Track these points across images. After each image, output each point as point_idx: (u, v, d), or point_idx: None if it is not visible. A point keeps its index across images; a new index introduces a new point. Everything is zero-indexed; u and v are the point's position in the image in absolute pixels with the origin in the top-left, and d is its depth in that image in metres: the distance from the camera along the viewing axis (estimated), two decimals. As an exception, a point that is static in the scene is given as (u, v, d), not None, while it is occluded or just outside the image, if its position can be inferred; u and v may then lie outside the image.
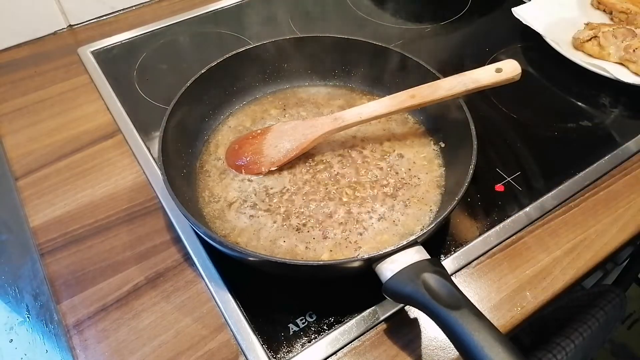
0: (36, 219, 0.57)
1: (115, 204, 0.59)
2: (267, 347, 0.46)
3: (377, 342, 0.47)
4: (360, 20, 0.87)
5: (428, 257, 0.43)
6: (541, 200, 0.58)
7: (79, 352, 0.47)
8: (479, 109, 0.69)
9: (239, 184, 0.56)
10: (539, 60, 0.78)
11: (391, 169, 0.57)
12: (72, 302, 0.50)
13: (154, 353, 0.46)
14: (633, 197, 0.58)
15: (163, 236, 0.55)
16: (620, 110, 0.70)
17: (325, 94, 0.67)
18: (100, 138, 0.67)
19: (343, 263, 0.44)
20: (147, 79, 0.75)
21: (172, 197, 0.46)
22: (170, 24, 0.86)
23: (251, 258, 0.45)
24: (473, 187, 0.58)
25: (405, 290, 0.41)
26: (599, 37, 0.74)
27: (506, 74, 0.53)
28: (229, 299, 0.49)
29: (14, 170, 0.63)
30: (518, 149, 0.64)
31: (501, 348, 0.35)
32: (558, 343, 0.66)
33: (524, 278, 0.51)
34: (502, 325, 0.48)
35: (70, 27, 0.86)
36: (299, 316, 0.48)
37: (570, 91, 0.73)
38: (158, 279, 0.52)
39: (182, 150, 0.57)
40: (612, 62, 0.73)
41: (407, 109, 0.56)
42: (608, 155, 0.63)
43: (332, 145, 0.60)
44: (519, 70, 0.53)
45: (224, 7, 0.90)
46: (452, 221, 0.56)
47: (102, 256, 0.54)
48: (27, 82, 0.75)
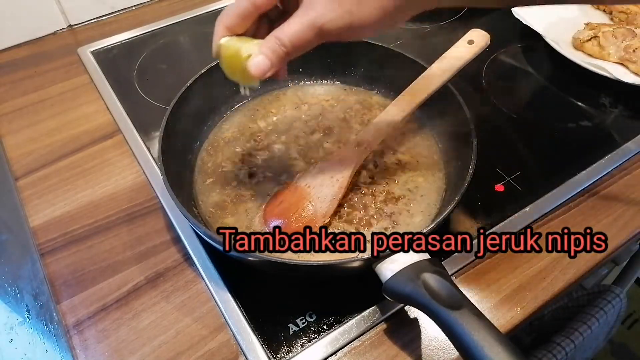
0: (36, 219, 0.57)
1: (115, 204, 0.59)
2: (267, 347, 0.46)
3: (377, 342, 0.47)
4: (360, 20, 0.87)
5: (428, 257, 0.43)
6: (541, 200, 0.58)
7: (79, 352, 0.47)
8: (479, 109, 0.69)
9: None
10: (539, 60, 0.78)
11: (391, 169, 0.57)
12: (72, 302, 0.50)
13: (154, 353, 0.46)
14: (633, 197, 0.58)
15: (163, 236, 0.55)
16: (620, 110, 0.70)
17: (325, 93, 0.67)
18: (100, 138, 0.67)
19: (343, 263, 0.44)
20: (147, 79, 0.75)
21: (172, 197, 0.46)
22: (170, 24, 0.86)
23: (251, 258, 0.45)
24: (473, 187, 0.58)
25: (405, 290, 0.41)
26: (599, 37, 0.74)
27: (479, 44, 0.56)
28: (229, 299, 0.49)
29: (14, 170, 0.63)
30: (518, 149, 0.64)
31: (501, 348, 0.35)
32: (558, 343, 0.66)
33: (524, 278, 0.51)
34: (502, 325, 0.48)
35: (70, 27, 0.86)
36: (299, 316, 0.48)
37: (570, 91, 0.73)
38: (158, 279, 0.52)
39: (182, 150, 0.57)
40: (612, 62, 0.73)
41: (416, 108, 0.56)
42: (608, 155, 0.62)
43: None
44: (488, 36, 0.56)
45: (224, 7, 0.89)
46: (452, 221, 0.56)
47: (102, 256, 0.54)
48: (27, 82, 0.76)
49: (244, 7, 0.40)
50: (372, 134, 0.56)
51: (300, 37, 0.37)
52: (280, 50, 0.38)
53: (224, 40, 0.41)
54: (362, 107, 0.65)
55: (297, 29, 0.37)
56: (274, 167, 0.58)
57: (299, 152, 0.60)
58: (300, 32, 0.37)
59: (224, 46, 0.41)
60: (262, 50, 0.38)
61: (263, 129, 0.63)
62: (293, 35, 0.37)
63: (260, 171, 0.58)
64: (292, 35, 0.37)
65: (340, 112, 0.64)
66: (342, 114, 0.64)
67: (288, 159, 0.59)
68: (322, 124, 0.63)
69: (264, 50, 0.38)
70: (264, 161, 0.59)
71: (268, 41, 0.38)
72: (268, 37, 0.38)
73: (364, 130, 0.57)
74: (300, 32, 0.37)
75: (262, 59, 0.38)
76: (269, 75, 0.39)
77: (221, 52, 0.41)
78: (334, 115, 0.64)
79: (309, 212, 0.51)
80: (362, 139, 0.56)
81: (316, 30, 0.37)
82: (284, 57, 0.38)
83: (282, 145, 0.61)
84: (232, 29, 0.41)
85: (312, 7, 0.36)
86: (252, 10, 0.40)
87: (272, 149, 0.60)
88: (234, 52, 0.40)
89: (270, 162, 0.59)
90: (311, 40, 0.37)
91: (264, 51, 0.38)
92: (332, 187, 0.52)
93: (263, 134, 0.62)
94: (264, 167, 0.58)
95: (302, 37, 0.37)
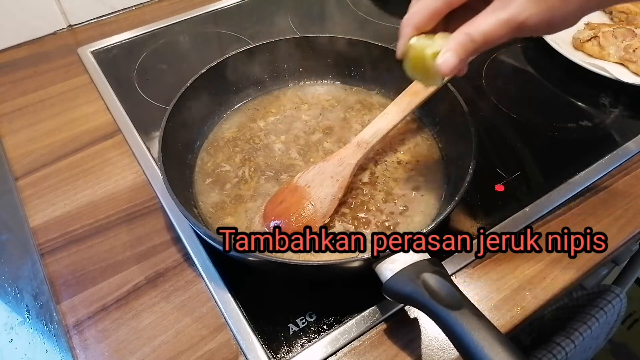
0: (36, 219, 0.57)
1: (115, 204, 0.59)
2: (267, 347, 0.46)
3: (377, 342, 0.47)
4: (360, 20, 0.87)
5: (428, 257, 0.44)
6: (541, 200, 0.58)
7: (79, 352, 0.47)
8: (479, 109, 0.69)
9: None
10: (539, 60, 0.78)
11: (391, 169, 0.57)
12: (72, 302, 0.50)
13: (154, 353, 0.46)
14: (633, 197, 0.58)
15: (163, 236, 0.55)
16: (620, 110, 0.70)
17: (325, 93, 0.67)
18: (100, 138, 0.67)
19: (343, 263, 0.44)
20: (147, 79, 0.75)
21: (172, 197, 0.46)
22: (170, 24, 0.86)
23: (251, 258, 0.45)
24: (473, 187, 0.58)
25: (405, 290, 0.41)
26: (599, 37, 0.74)
27: None
28: (229, 299, 0.49)
29: (14, 170, 0.63)
30: (518, 149, 0.64)
31: (501, 348, 0.35)
32: (558, 343, 0.66)
33: (524, 278, 0.51)
34: (502, 325, 0.48)
35: (70, 27, 0.86)
36: (299, 316, 0.48)
37: (570, 91, 0.73)
38: (158, 279, 0.52)
39: (182, 150, 0.57)
40: (612, 62, 0.73)
41: (416, 108, 0.56)
42: (608, 155, 0.62)
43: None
44: None
45: (224, 7, 0.90)
46: (452, 221, 0.56)
47: (102, 256, 0.54)
48: (27, 82, 0.75)
49: (435, 4, 0.38)
50: (372, 134, 0.56)
51: (495, 32, 0.36)
52: (470, 46, 0.36)
53: (413, 40, 0.40)
54: (362, 107, 0.65)
55: (492, 23, 0.36)
56: (274, 167, 0.58)
57: (298, 152, 0.60)
58: (495, 27, 0.36)
59: (412, 47, 0.40)
60: (450, 46, 0.37)
61: (263, 129, 0.63)
62: (487, 30, 0.36)
63: (260, 171, 0.58)
64: (486, 30, 0.36)
65: (340, 112, 0.64)
66: (342, 114, 0.64)
67: (288, 159, 0.59)
68: (322, 123, 0.63)
69: (453, 46, 0.37)
70: (264, 161, 0.59)
71: (457, 37, 0.37)
72: (456, 32, 0.37)
73: (364, 130, 0.57)
74: (496, 27, 0.36)
75: (450, 55, 0.37)
76: (455, 72, 0.38)
77: (409, 53, 0.40)
78: (334, 115, 0.64)
79: (309, 212, 0.51)
80: (362, 139, 0.56)
81: (515, 25, 0.35)
82: (473, 53, 0.37)
83: (282, 145, 0.61)
84: (421, 28, 0.39)
85: (510, 2, 0.35)
86: (444, 7, 0.38)
87: (272, 148, 0.60)
88: (419, 51, 0.39)
89: (270, 162, 0.59)
90: (506, 35, 0.36)
91: (453, 47, 0.37)
92: (332, 187, 0.52)
93: (263, 133, 0.62)
94: (263, 167, 0.58)
95: (496, 32, 0.36)
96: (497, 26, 0.36)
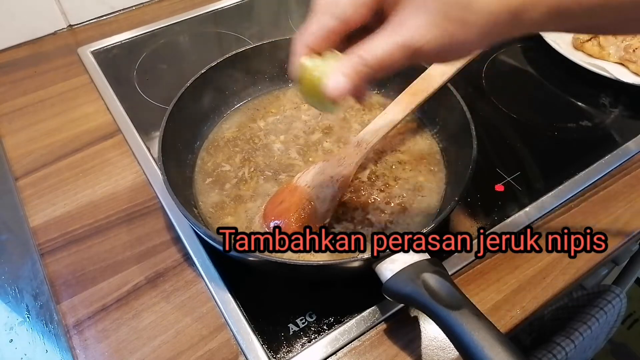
0: (36, 219, 0.57)
1: (115, 204, 0.59)
2: (267, 347, 0.46)
3: (377, 342, 0.47)
4: (360, 20, 0.87)
5: (428, 257, 0.43)
6: (541, 200, 0.58)
7: (79, 352, 0.47)
8: (479, 109, 0.69)
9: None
10: (539, 60, 0.78)
11: (391, 169, 0.57)
12: (72, 302, 0.50)
13: (154, 353, 0.46)
14: (633, 197, 0.58)
15: (163, 236, 0.55)
16: (620, 110, 0.70)
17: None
18: (100, 138, 0.67)
19: (343, 263, 0.44)
20: (147, 79, 0.75)
21: (172, 197, 0.46)
22: (170, 24, 0.86)
23: (251, 258, 0.45)
24: (473, 187, 0.58)
25: (405, 290, 0.41)
26: (599, 37, 0.74)
27: None
28: (229, 299, 0.49)
29: (14, 170, 0.63)
30: (518, 149, 0.64)
31: (501, 348, 0.35)
32: (558, 343, 0.66)
33: (524, 278, 0.51)
34: (502, 325, 0.48)
35: (70, 27, 0.86)
36: (299, 316, 0.48)
37: (570, 91, 0.73)
38: (158, 279, 0.52)
39: (182, 150, 0.57)
40: (612, 62, 0.73)
41: (416, 108, 0.56)
42: (608, 155, 0.62)
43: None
44: None
45: (224, 7, 0.90)
46: (452, 221, 0.56)
47: (102, 256, 0.54)
48: (27, 82, 0.76)
49: (329, 25, 0.34)
50: (372, 133, 0.56)
51: (389, 58, 0.32)
52: (363, 71, 0.33)
53: (305, 60, 0.36)
54: (362, 107, 0.65)
55: (385, 48, 0.32)
56: (273, 167, 0.58)
57: (298, 152, 0.60)
58: (389, 51, 0.32)
59: (303, 67, 0.36)
60: (342, 69, 0.33)
61: (263, 129, 0.63)
62: (381, 55, 0.32)
63: (260, 171, 0.58)
64: (380, 54, 0.32)
65: (340, 111, 0.64)
66: (342, 114, 0.64)
67: (287, 159, 0.59)
68: (322, 123, 0.63)
69: (345, 69, 0.33)
70: (264, 161, 0.59)
71: (350, 60, 0.33)
72: (349, 55, 0.33)
73: (364, 130, 0.57)
74: (390, 52, 0.32)
75: (341, 79, 0.33)
76: (348, 97, 0.34)
77: (300, 74, 0.36)
78: (333, 115, 0.64)
79: (309, 212, 0.51)
80: (362, 139, 0.56)
81: (410, 51, 0.32)
82: (367, 79, 0.33)
83: (282, 145, 0.61)
84: (315, 49, 0.35)
85: (405, 25, 0.32)
86: (341, 27, 0.34)
87: (271, 148, 0.60)
88: (310, 73, 0.35)
89: (270, 162, 0.59)
90: (401, 61, 0.32)
91: (344, 71, 0.33)
92: (332, 187, 0.52)
93: (263, 133, 0.62)
94: (263, 167, 0.58)
95: (391, 58, 0.32)
96: (391, 51, 0.32)
